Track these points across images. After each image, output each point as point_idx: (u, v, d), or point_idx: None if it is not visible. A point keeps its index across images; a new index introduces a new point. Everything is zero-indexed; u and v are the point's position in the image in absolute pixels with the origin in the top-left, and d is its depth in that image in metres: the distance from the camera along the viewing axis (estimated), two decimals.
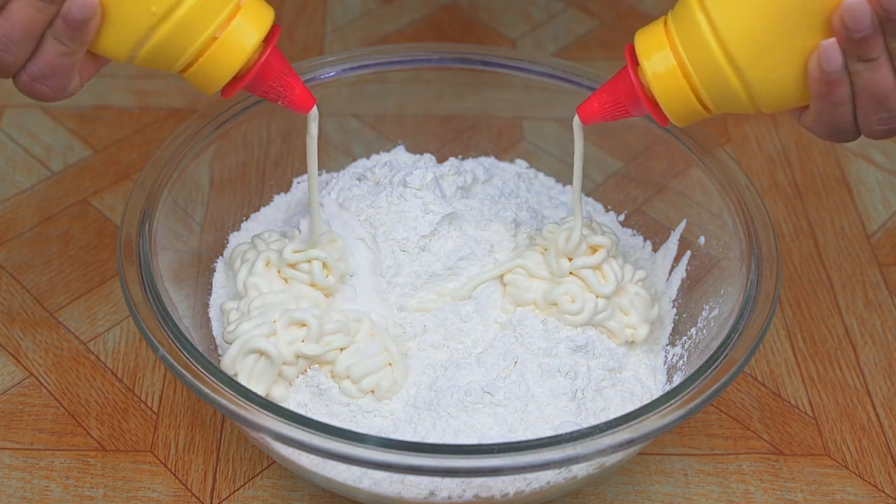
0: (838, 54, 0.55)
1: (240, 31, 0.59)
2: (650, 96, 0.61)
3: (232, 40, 0.58)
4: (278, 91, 0.62)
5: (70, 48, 0.57)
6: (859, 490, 0.72)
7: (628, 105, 0.62)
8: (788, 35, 0.56)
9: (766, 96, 0.58)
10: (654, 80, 0.60)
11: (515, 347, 0.68)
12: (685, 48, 0.58)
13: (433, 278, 0.71)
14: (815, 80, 0.56)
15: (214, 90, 0.61)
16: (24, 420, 0.74)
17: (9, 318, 0.80)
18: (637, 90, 0.61)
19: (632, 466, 0.72)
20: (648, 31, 0.61)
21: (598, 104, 0.63)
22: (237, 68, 0.60)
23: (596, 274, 0.70)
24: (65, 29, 0.56)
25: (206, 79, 0.60)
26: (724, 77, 0.58)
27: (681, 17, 0.59)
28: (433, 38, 1.07)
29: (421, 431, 0.65)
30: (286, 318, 0.66)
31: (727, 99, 0.59)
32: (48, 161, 0.92)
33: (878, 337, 0.81)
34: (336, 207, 0.73)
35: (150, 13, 0.56)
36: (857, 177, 0.94)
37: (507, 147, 0.88)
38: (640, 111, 0.62)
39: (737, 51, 0.57)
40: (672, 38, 0.59)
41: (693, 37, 0.58)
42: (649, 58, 0.60)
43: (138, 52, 0.58)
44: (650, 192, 0.82)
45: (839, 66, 0.55)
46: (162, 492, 0.70)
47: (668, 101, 0.60)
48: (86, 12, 0.56)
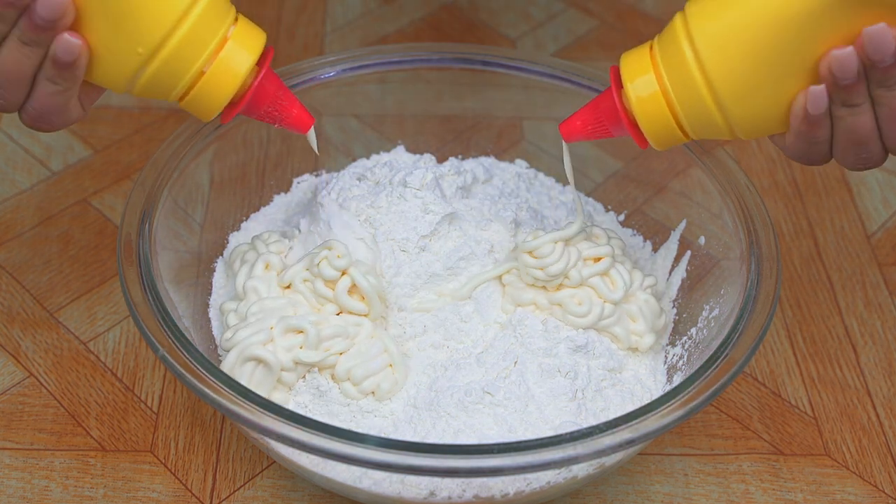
0: (825, 100, 0.57)
1: (231, 58, 0.60)
2: (632, 119, 0.62)
3: (224, 68, 0.60)
4: (274, 115, 0.64)
5: (62, 86, 0.59)
6: (859, 490, 0.72)
7: (609, 126, 0.63)
8: (774, 77, 0.57)
9: (746, 128, 0.60)
10: (636, 104, 0.61)
11: (515, 347, 0.68)
12: (669, 77, 0.60)
13: (433, 278, 0.71)
14: (798, 119, 0.58)
15: (211, 117, 0.62)
16: (24, 420, 0.74)
17: (9, 318, 0.80)
18: (619, 112, 0.62)
19: (632, 466, 0.72)
20: (634, 54, 0.62)
21: (580, 123, 0.65)
22: (231, 95, 0.61)
23: (604, 280, 0.70)
24: (54, 70, 0.58)
25: (203, 107, 0.61)
26: (706, 109, 0.59)
27: (667, 46, 0.60)
28: (433, 38, 1.07)
29: (421, 431, 0.65)
30: (283, 325, 0.66)
31: (707, 127, 0.60)
32: (48, 161, 0.92)
33: (878, 337, 0.81)
34: (336, 207, 0.73)
35: (137, 53, 0.58)
36: (857, 177, 0.94)
37: (507, 147, 0.88)
38: (620, 132, 0.63)
39: (722, 87, 0.58)
40: (657, 64, 0.60)
41: (678, 68, 0.59)
42: (633, 81, 0.61)
43: (133, 87, 0.60)
44: (650, 192, 0.82)
45: (824, 111, 0.57)
46: (162, 492, 0.70)
47: (649, 125, 0.61)
48: (71, 54, 0.57)
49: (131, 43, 0.58)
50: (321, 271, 0.68)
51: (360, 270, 0.68)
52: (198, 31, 0.58)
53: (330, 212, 0.73)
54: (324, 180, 0.81)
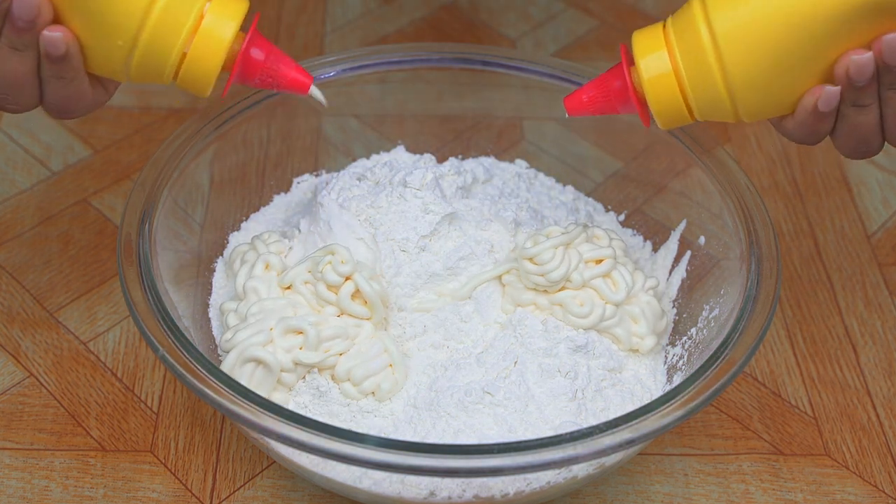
0: (837, 99, 0.59)
1: (212, 30, 0.61)
2: (640, 96, 0.62)
3: (207, 41, 0.61)
4: (270, 80, 0.64)
5: (68, 78, 0.60)
6: (859, 490, 0.72)
7: (616, 102, 0.63)
8: (790, 72, 0.59)
9: (751, 112, 0.61)
10: (647, 82, 0.61)
11: (515, 347, 0.68)
12: (683, 58, 0.60)
13: (433, 278, 0.71)
14: (806, 112, 0.60)
15: (207, 91, 0.62)
16: (24, 420, 0.74)
17: (9, 318, 0.80)
18: (629, 88, 0.62)
19: (632, 466, 0.72)
20: (646, 32, 0.62)
21: (586, 98, 0.64)
22: (219, 65, 0.61)
23: (606, 281, 0.70)
24: (51, 66, 0.59)
25: (196, 82, 0.62)
26: (717, 93, 0.60)
27: (682, 28, 0.60)
28: (433, 38, 1.07)
29: (421, 431, 0.65)
30: (282, 325, 0.66)
31: (714, 111, 0.61)
32: (48, 161, 0.92)
33: (878, 337, 0.81)
34: (336, 207, 0.73)
35: (118, 46, 0.59)
36: (857, 177, 0.94)
37: (507, 147, 0.88)
38: (627, 109, 0.63)
39: (736, 75, 0.59)
40: (671, 44, 0.61)
41: (693, 51, 0.60)
42: (645, 58, 0.61)
43: (129, 73, 0.61)
44: (650, 192, 0.82)
45: (834, 108, 0.59)
46: (162, 492, 0.70)
47: (658, 103, 0.61)
48: (58, 48, 0.59)
49: (111, 37, 0.59)
50: (325, 276, 0.68)
51: (365, 276, 0.68)
52: (170, 13, 0.59)
53: (330, 212, 0.73)
54: (324, 180, 0.81)
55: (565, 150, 0.86)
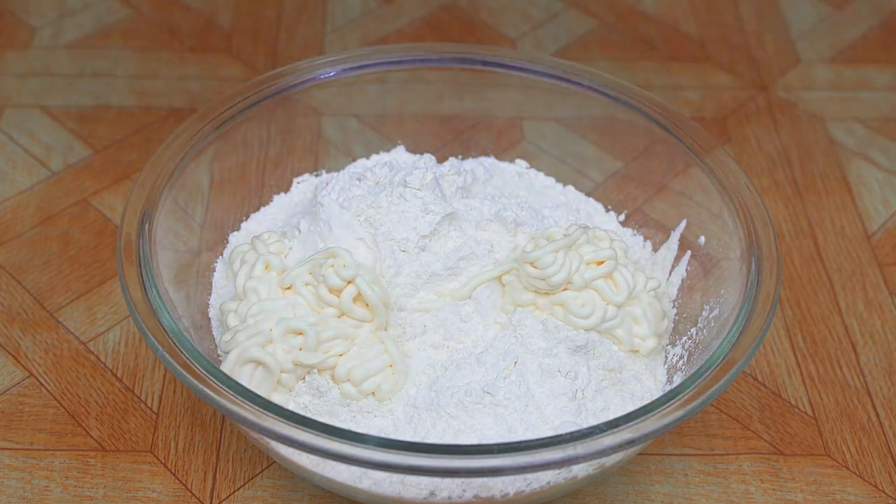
0: None
1: None
2: None
3: None
4: None
5: None
6: (859, 490, 0.72)
7: None
8: None
9: None
10: None
11: (515, 347, 0.68)
12: None
13: (433, 278, 0.71)
14: None
15: None
16: (23, 420, 0.74)
17: (9, 318, 0.80)
18: None
19: (632, 466, 0.72)
20: None
21: None
22: None
23: (608, 282, 0.70)
24: None
25: None
26: None
27: None
28: (433, 38, 1.07)
29: (421, 431, 0.65)
30: (282, 326, 0.66)
31: None
32: (48, 161, 0.92)
33: (878, 337, 0.81)
34: (336, 207, 0.73)
35: None
36: (857, 177, 0.94)
37: (507, 147, 0.88)
38: None
39: None
40: None
41: None
42: None
43: None
44: (650, 192, 0.82)
45: None
46: (162, 492, 0.70)
47: None
48: None
49: None
50: (327, 280, 0.68)
51: (367, 280, 0.67)
52: None
53: (330, 212, 0.73)
54: (324, 180, 0.81)
55: (565, 150, 0.86)
